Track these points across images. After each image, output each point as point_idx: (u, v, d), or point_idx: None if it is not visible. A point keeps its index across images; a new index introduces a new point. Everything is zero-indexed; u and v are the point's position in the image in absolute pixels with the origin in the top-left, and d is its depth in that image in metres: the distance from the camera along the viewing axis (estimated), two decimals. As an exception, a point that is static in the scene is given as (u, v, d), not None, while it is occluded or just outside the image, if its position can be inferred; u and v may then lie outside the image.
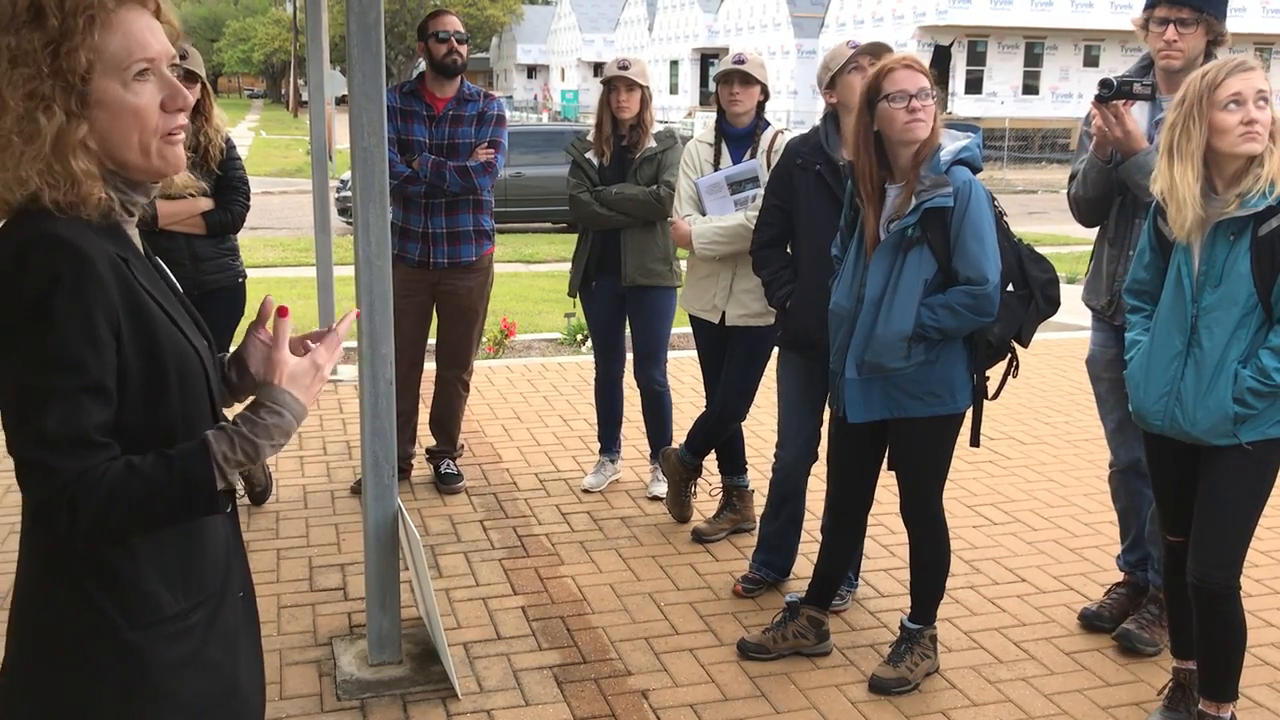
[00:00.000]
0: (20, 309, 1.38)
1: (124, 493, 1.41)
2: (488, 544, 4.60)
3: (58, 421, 1.38)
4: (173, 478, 1.44)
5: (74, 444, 1.39)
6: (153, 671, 1.51)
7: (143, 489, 1.42)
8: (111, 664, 1.49)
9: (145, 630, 1.51)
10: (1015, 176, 28.64)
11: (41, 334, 1.38)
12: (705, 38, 48.54)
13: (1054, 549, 4.62)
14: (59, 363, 1.38)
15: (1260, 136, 2.83)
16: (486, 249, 5.08)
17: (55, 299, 1.38)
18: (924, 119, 3.16)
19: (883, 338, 3.23)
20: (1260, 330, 2.90)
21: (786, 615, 3.71)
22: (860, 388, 3.32)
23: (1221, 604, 3.03)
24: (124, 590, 1.50)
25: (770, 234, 3.97)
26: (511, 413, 6.41)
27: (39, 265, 1.38)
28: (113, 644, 1.49)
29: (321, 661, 3.63)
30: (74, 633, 1.49)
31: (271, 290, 12.08)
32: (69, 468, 1.38)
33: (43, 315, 1.38)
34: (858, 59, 3.70)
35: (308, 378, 1.59)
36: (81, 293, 1.39)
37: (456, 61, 4.89)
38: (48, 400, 1.38)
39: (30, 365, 1.38)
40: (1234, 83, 2.83)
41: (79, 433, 1.39)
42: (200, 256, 4.52)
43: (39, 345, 1.38)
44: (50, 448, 1.38)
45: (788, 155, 3.96)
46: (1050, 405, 6.73)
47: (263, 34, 65.85)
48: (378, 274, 3.36)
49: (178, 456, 1.46)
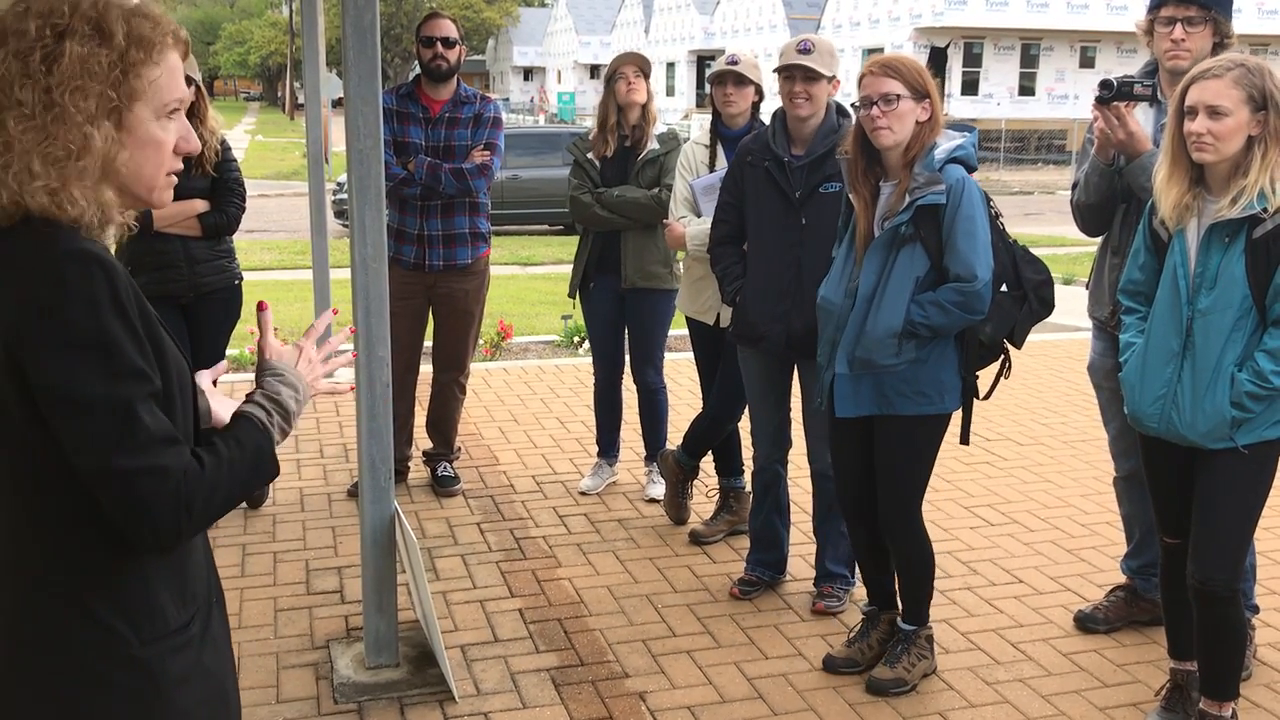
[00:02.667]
0: (77, 330, 1.39)
1: (220, 480, 1.47)
2: (485, 546, 4.59)
3: (151, 425, 1.41)
4: (245, 454, 1.53)
5: (171, 442, 1.43)
6: (164, 685, 1.51)
7: (230, 472, 1.49)
8: (125, 681, 1.49)
9: (155, 644, 1.51)
10: (1011, 178, 28.65)
11: (103, 350, 1.39)
12: (701, 40, 48.56)
13: (1051, 550, 4.62)
14: (128, 374, 1.41)
15: (1209, 147, 2.84)
16: (482, 251, 5.08)
17: (104, 315, 1.40)
18: (884, 125, 3.18)
19: (873, 334, 3.24)
20: (1256, 333, 2.90)
21: (867, 624, 3.70)
22: (850, 383, 3.34)
23: (1224, 606, 3.04)
24: (134, 606, 1.49)
25: (724, 230, 4.01)
26: (508, 415, 6.40)
27: (85, 284, 1.40)
28: (125, 661, 1.48)
29: (319, 664, 3.62)
30: (84, 654, 1.47)
31: (268, 293, 12.01)
32: (176, 465, 1.42)
33: (100, 333, 1.39)
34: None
35: (294, 357, 1.71)
36: (123, 307, 1.42)
37: (441, 67, 4.88)
38: (133, 408, 1.40)
39: (103, 381, 1.39)
40: (1191, 92, 2.87)
41: (169, 433, 1.44)
42: (196, 259, 4.52)
43: (104, 361, 1.39)
44: (155, 451, 1.41)
45: (739, 153, 4.00)
46: (1047, 407, 6.73)
47: (259, 37, 65.87)
48: (374, 276, 3.36)
49: (240, 433, 1.55)
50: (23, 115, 1.41)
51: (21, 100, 1.41)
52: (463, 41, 5.00)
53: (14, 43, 1.42)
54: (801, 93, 3.76)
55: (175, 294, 4.49)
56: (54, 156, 1.42)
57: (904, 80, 3.19)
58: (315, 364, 1.74)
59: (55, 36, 1.42)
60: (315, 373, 1.75)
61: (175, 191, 1.62)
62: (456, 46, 4.92)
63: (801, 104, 3.77)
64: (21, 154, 1.41)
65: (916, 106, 3.20)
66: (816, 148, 3.79)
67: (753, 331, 3.90)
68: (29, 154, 1.41)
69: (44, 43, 1.42)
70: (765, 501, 4.18)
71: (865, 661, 3.62)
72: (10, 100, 1.41)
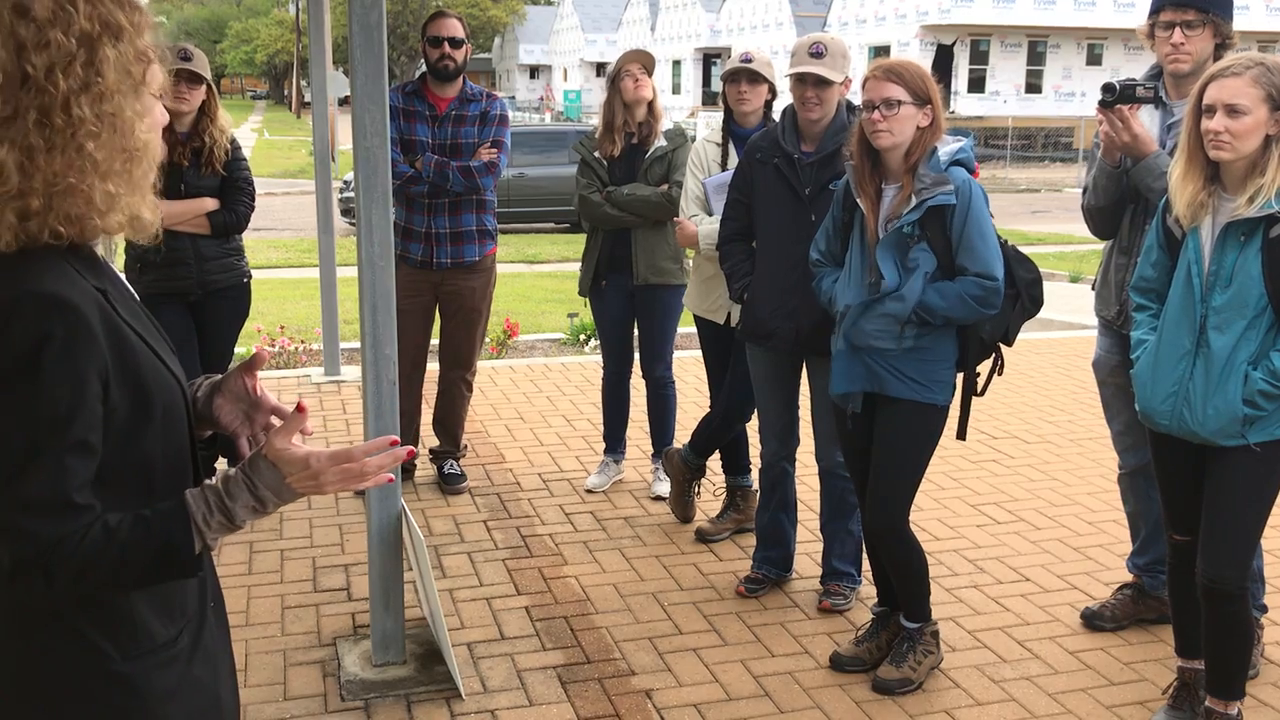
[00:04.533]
0: (7, 366, 1.32)
1: (101, 558, 1.37)
2: (491, 544, 4.60)
3: (40, 484, 1.33)
4: (150, 542, 1.40)
5: (55, 508, 1.34)
6: (149, 701, 1.49)
7: (120, 554, 1.38)
8: (107, 697, 1.47)
9: (137, 660, 1.48)
10: (1018, 175, 28.61)
11: (29, 392, 1.33)
12: (708, 37, 48.51)
13: (1058, 548, 4.61)
14: (46, 422, 1.33)
15: (1227, 145, 2.84)
16: (489, 249, 5.08)
17: (44, 357, 1.32)
18: (883, 129, 3.21)
19: (879, 318, 3.28)
20: (1270, 332, 2.89)
21: (877, 624, 3.70)
22: (845, 359, 3.38)
23: (1232, 604, 3.03)
24: (115, 623, 1.47)
25: (733, 228, 4.03)
26: (515, 413, 6.41)
27: (27, 323, 1.32)
28: (106, 677, 1.46)
29: (325, 662, 3.63)
30: (65, 669, 1.45)
31: (275, 291, 11.98)
32: (47, 534, 1.34)
33: (31, 373, 1.32)
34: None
35: (296, 465, 1.46)
36: (71, 350, 1.34)
37: (449, 67, 4.88)
38: (32, 461, 1.33)
39: (16, 423, 1.33)
40: (1210, 89, 2.88)
41: (61, 497, 1.35)
42: (205, 256, 4.53)
43: (26, 404, 1.33)
44: (30, 512, 1.33)
45: (748, 150, 4.01)
46: (1054, 404, 6.72)
47: (265, 35, 65.90)
48: (381, 274, 3.37)
49: (156, 519, 1.41)
50: (90, 133, 1.36)
51: (82, 116, 1.36)
52: (469, 40, 5.00)
53: (48, 55, 1.35)
54: (813, 97, 3.77)
55: (184, 291, 4.51)
56: (113, 170, 1.39)
57: (906, 85, 3.21)
58: (322, 477, 1.47)
59: (85, 40, 1.37)
60: (318, 485, 1.48)
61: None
62: (463, 46, 4.92)
63: (813, 108, 3.79)
64: (84, 173, 1.37)
65: (918, 112, 3.22)
66: (826, 145, 3.79)
67: (762, 329, 3.90)
68: (95, 174, 1.38)
69: (80, 47, 1.37)
70: (772, 499, 4.18)
71: (872, 661, 3.62)
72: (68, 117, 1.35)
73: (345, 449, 1.48)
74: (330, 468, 1.46)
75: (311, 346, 7.92)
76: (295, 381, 6.91)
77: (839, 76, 3.76)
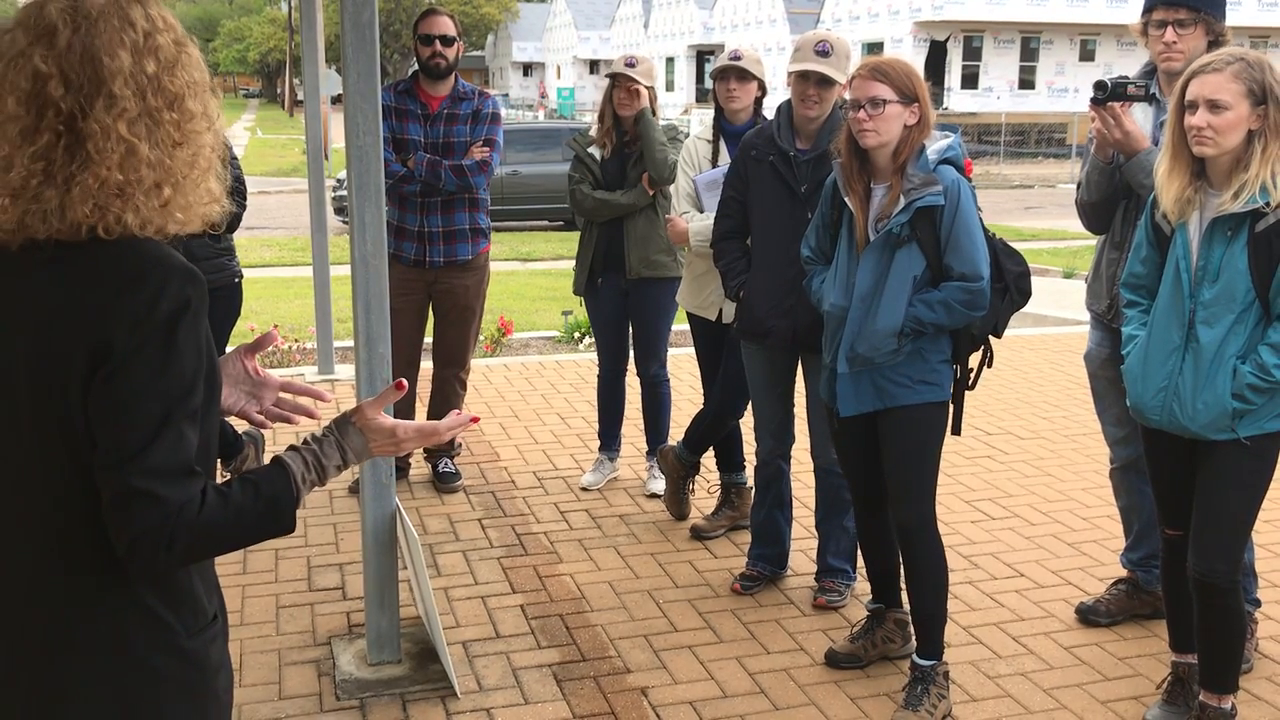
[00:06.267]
0: (150, 334, 1.38)
1: (218, 524, 1.43)
2: (486, 542, 4.60)
3: (167, 451, 1.38)
4: (259, 503, 1.47)
5: (181, 475, 1.40)
6: (207, 674, 1.55)
7: (235, 516, 1.45)
8: (177, 674, 1.51)
9: (199, 635, 1.54)
10: (1011, 171, 28.65)
11: (166, 360, 1.38)
12: (701, 34, 48.53)
13: (1052, 544, 4.62)
14: (177, 390, 1.40)
15: (1209, 141, 2.84)
16: (483, 247, 5.08)
17: (180, 325, 1.40)
18: (869, 128, 3.18)
19: (874, 333, 3.25)
20: (1258, 326, 2.90)
21: (872, 621, 3.69)
22: (851, 381, 3.34)
23: (1224, 598, 3.04)
24: (181, 600, 1.52)
25: (728, 225, 4.01)
26: (509, 411, 6.41)
27: (174, 291, 1.40)
28: (178, 653, 1.51)
29: (320, 661, 3.63)
30: (141, 647, 1.48)
31: (269, 290, 11.97)
32: (174, 498, 1.39)
33: (170, 341, 1.39)
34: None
35: (382, 434, 1.62)
36: (199, 320, 1.42)
37: (440, 65, 4.87)
38: (161, 428, 1.38)
39: (155, 390, 1.38)
40: (1191, 86, 2.88)
41: (184, 463, 1.41)
42: (196, 256, 4.51)
43: (163, 372, 1.38)
44: (161, 479, 1.38)
45: (743, 147, 3.99)
46: (1048, 400, 6.73)
47: (258, 33, 65.83)
48: (374, 273, 3.36)
49: (262, 480, 1.49)
50: (196, 129, 1.49)
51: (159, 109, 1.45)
52: (461, 38, 4.99)
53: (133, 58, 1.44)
54: (814, 95, 3.77)
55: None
56: (213, 164, 1.51)
57: (892, 84, 3.18)
58: (404, 442, 1.64)
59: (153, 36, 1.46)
60: (397, 449, 1.65)
61: None
62: (455, 44, 4.91)
63: (813, 105, 3.79)
64: (163, 168, 1.45)
65: (905, 110, 3.20)
66: (822, 142, 3.79)
67: (759, 327, 3.90)
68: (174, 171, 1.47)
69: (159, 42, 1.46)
70: (767, 496, 4.18)
71: (868, 658, 3.62)
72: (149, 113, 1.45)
73: (432, 424, 1.67)
74: (414, 436, 1.64)
75: (305, 345, 7.92)
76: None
77: (842, 78, 3.76)
